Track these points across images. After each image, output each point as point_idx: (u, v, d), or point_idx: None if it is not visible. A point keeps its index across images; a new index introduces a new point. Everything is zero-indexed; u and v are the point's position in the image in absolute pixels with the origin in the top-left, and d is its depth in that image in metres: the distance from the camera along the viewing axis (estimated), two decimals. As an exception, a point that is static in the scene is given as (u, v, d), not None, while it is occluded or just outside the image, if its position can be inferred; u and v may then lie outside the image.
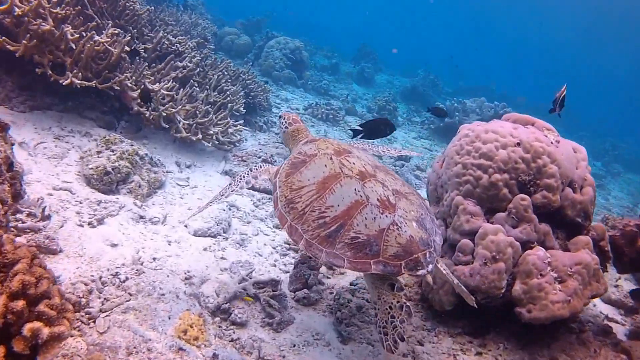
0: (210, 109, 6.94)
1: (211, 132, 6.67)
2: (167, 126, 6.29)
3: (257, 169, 3.85)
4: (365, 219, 3.04)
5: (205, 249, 4.82)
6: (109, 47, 5.87)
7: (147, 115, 6.12)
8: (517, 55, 57.00)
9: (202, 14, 14.35)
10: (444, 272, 3.37)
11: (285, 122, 4.09)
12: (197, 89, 7.22)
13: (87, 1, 6.43)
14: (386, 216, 3.07)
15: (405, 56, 29.81)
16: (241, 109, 7.71)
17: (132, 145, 5.52)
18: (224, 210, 5.50)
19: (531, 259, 3.91)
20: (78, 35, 5.61)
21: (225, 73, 8.36)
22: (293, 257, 5.19)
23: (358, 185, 3.20)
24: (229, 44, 15.60)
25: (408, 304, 3.01)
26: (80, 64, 5.67)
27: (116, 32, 6.24)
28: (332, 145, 3.62)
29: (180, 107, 6.37)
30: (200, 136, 6.48)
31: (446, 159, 4.44)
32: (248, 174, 3.85)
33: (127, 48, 6.27)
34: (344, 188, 3.18)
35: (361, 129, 6.10)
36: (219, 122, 6.90)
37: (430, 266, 3.06)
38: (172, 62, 7.01)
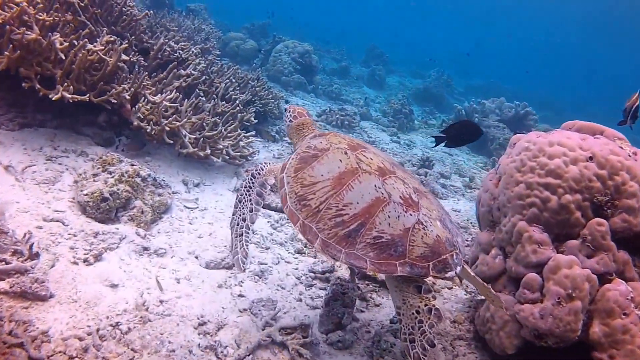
0: (218, 120, 6.31)
1: (220, 146, 6.03)
2: (172, 142, 5.65)
3: (259, 173, 3.51)
4: (389, 217, 2.83)
5: (220, 286, 4.17)
6: (104, 57, 5.25)
7: (148, 130, 5.50)
8: (520, 51, 56.10)
9: (205, 19, 13.76)
10: (471, 273, 3.13)
11: (290, 115, 3.87)
12: (204, 98, 6.60)
13: (79, 7, 5.82)
14: (410, 214, 2.87)
15: (414, 56, 29.18)
16: (252, 118, 7.05)
17: (132, 165, 4.89)
18: (239, 236, 4.86)
19: (612, 296, 3.24)
20: (68, 44, 4.99)
21: (233, 80, 7.74)
22: (320, 289, 4.55)
23: (378, 182, 2.98)
24: (234, 50, 15.00)
25: (437, 306, 2.77)
26: (72, 76, 5.06)
27: (112, 39, 5.63)
28: (345, 139, 3.36)
29: (185, 119, 5.74)
30: (208, 151, 5.85)
31: (504, 178, 3.77)
32: (254, 183, 3.49)
33: (124, 57, 5.66)
34: (363, 184, 2.96)
35: (444, 135, 5.36)
36: (228, 134, 6.25)
37: (458, 268, 2.86)
38: (175, 70, 6.40)
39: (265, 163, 3.60)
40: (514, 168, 3.66)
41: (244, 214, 3.40)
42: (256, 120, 7.35)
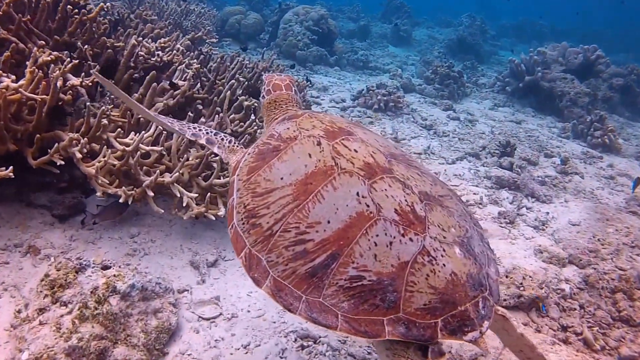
0: (229, 150, 4.21)
1: (239, 198, 3.95)
2: (162, 211, 3.59)
3: (229, 142, 2.61)
4: (375, 244, 1.79)
5: None
6: (32, 95, 3.20)
7: (122, 197, 3.46)
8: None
9: (194, -3, 11.51)
10: (517, 331, 2.13)
11: (264, 89, 2.77)
12: (203, 119, 4.53)
13: (-6, 15, 3.76)
14: (410, 239, 1.81)
15: (438, 2, 26.52)
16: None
17: (103, 271, 2.91)
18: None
19: None
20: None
21: (241, 79, 5.58)
22: None
23: (362, 187, 1.94)
24: (235, 27, 12.70)
25: None
26: (-18, 136, 3.06)
27: (49, 58, 3.57)
28: (323, 122, 2.31)
29: (179, 166, 3.69)
30: (222, 212, 3.77)
31: None
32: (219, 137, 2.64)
33: (73, 80, 3.61)
34: (339, 192, 1.93)
35: None
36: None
37: (486, 323, 1.77)
38: (155, 83, 4.32)
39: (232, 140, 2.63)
40: None
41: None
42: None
